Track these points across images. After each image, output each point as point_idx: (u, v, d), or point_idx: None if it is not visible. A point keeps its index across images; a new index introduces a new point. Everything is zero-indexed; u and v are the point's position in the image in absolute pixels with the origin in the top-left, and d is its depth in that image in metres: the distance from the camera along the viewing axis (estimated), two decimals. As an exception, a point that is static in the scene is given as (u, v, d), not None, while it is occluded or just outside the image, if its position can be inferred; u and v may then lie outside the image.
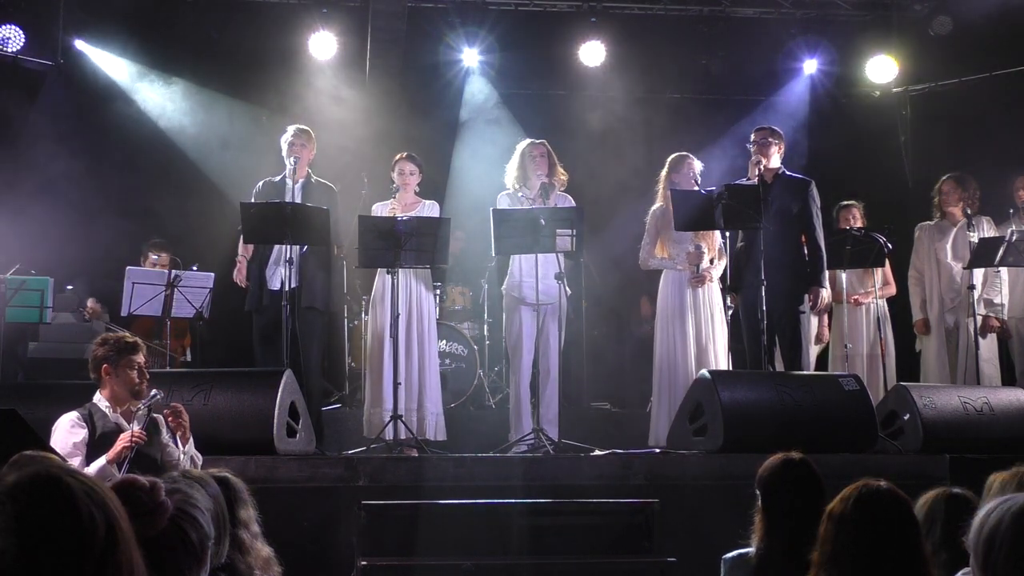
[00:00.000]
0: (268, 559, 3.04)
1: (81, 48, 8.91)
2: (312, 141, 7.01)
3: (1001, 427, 6.24)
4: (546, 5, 9.46)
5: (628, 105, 9.58)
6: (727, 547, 3.38)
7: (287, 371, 5.85)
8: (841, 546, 2.54)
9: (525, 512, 5.42)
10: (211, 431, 5.27)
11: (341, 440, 7.09)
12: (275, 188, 6.92)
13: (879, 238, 7.38)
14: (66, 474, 1.45)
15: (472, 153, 9.29)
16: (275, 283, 6.69)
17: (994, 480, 3.04)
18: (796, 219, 6.86)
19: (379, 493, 5.48)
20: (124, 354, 4.66)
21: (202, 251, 8.22)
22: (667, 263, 7.05)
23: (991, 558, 1.95)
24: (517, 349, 6.87)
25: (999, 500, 2.02)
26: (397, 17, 8.77)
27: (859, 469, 4.88)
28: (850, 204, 8.10)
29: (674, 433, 6.31)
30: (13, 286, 7.13)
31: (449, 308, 8.63)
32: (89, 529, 1.41)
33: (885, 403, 6.61)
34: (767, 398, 5.95)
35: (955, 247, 7.95)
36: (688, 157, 7.15)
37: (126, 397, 4.66)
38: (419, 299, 6.80)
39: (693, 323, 6.90)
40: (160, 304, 7.11)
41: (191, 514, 2.22)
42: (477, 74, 9.70)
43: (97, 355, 4.70)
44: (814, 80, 9.77)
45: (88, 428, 4.61)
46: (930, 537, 2.79)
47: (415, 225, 6.41)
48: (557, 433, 6.55)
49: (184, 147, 9.00)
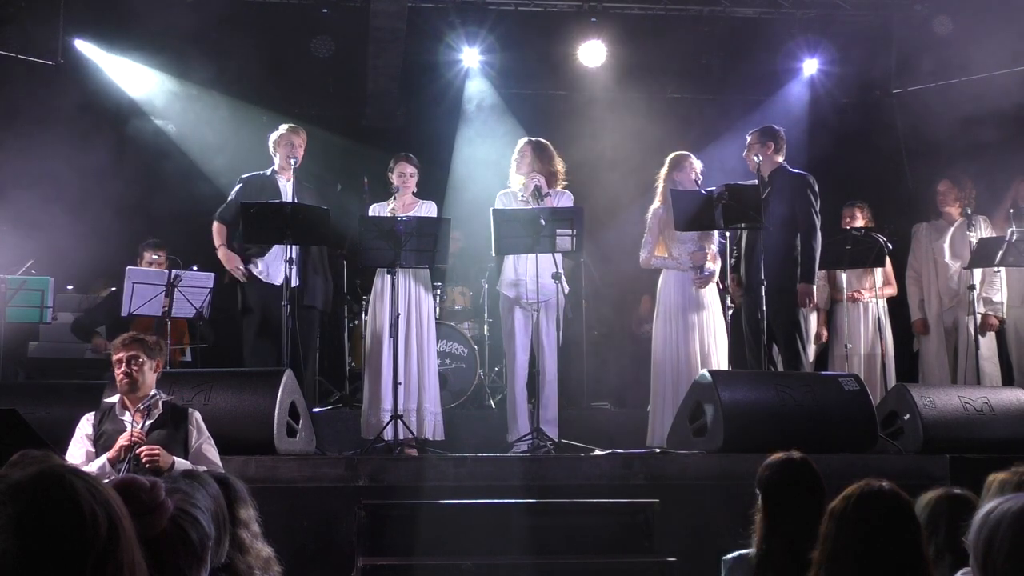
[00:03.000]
0: (268, 559, 3.04)
1: (81, 48, 8.91)
2: (305, 140, 7.05)
3: (1001, 427, 6.24)
4: (546, 5, 9.45)
5: (628, 105, 9.58)
6: (727, 547, 3.39)
7: (287, 371, 5.86)
8: (842, 545, 2.54)
9: (525, 512, 5.43)
10: (211, 431, 5.26)
11: (341, 440, 7.09)
12: (267, 184, 6.94)
13: (879, 238, 7.38)
14: (69, 472, 1.46)
15: (472, 153, 9.29)
16: (277, 278, 6.70)
17: (993, 480, 3.04)
18: (794, 216, 6.86)
19: (379, 493, 5.49)
20: (114, 351, 4.78)
21: (202, 251, 8.22)
22: (669, 263, 7.03)
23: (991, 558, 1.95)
24: (511, 349, 6.88)
25: (999, 500, 2.02)
26: (397, 17, 8.76)
27: (859, 469, 4.89)
28: (853, 204, 8.11)
29: (674, 433, 6.31)
30: (13, 286, 7.13)
31: (449, 308, 8.63)
32: (91, 527, 1.42)
33: (885, 403, 6.62)
34: (767, 398, 5.96)
35: (953, 247, 7.96)
36: (688, 156, 7.14)
37: (123, 394, 4.72)
38: (418, 299, 6.81)
39: (695, 323, 6.90)
40: (160, 304, 7.11)
41: (191, 514, 2.22)
42: (477, 74, 9.70)
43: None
44: (814, 80, 9.77)
45: (95, 425, 4.71)
46: (930, 538, 2.79)
47: (415, 225, 6.41)
48: (557, 433, 6.56)
49: (184, 147, 9.01)
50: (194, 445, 4.76)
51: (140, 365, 4.70)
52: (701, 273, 6.92)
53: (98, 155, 8.34)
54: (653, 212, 7.12)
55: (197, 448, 4.76)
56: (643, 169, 7.82)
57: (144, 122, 9.04)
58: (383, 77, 9.42)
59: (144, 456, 4.45)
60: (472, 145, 9.40)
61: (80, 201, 8.01)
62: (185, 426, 4.78)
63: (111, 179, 8.40)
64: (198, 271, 7.50)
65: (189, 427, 4.79)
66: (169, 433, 4.70)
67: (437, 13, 9.35)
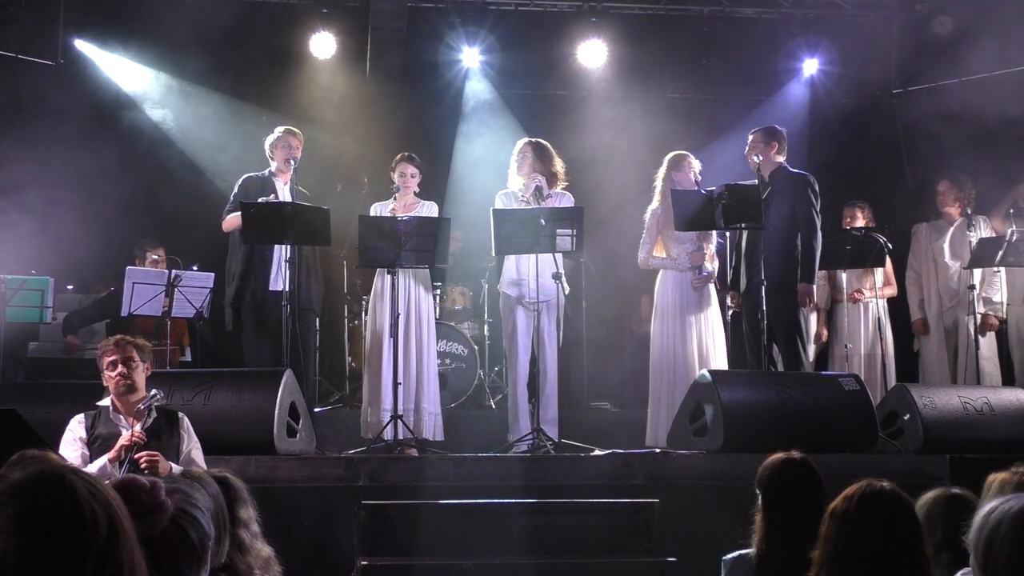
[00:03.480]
0: (268, 559, 3.04)
1: (81, 48, 8.91)
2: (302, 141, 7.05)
3: (1001, 427, 6.24)
4: (546, 5, 9.45)
5: (628, 105, 9.58)
6: (727, 547, 3.38)
7: (287, 371, 5.85)
8: (843, 545, 2.54)
9: (525, 512, 5.43)
10: (211, 431, 5.27)
11: (341, 440, 7.09)
12: (265, 185, 6.93)
13: (879, 238, 7.38)
14: (69, 472, 1.46)
15: (472, 153, 9.29)
16: (278, 284, 6.70)
17: (993, 480, 3.04)
18: (795, 216, 6.86)
19: (379, 493, 5.48)
20: (104, 354, 4.72)
21: (202, 251, 8.22)
22: (668, 263, 7.02)
23: (991, 558, 1.95)
24: (513, 349, 6.87)
25: (999, 500, 2.02)
26: (397, 17, 8.77)
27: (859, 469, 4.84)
28: (854, 204, 8.11)
29: (674, 433, 6.31)
30: (13, 286, 7.13)
31: (449, 308, 8.62)
32: (91, 527, 1.41)
33: (885, 403, 6.62)
34: (767, 398, 5.95)
35: (952, 247, 7.96)
36: (687, 156, 7.14)
37: (118, 396, 4.68)
38: (417, 299, 6.80)
39: (693, 323, 6.90)
40: (160, 304, 7.11)
41: (191, 514, 2.22)
42: (477, 74, 9.70)
43: (96, 357, 4.84)
44: (814, 80, 9.77)
45: (88, 428, 4.65)
46: (930, 538, 2.79)
47: (415, 225, 6.41)
48: (557, 433, 6.55)
49: (184, 147, 9.00)
50: (185, 450, 4.74)
51: (135, 367, 4.68)
52: (700, 273, 6.92)
53: (98, 155, 8.34)
54: (652, 212, 7.11)
55: (187, 454, 4.74)
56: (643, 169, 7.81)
57: (144, 122, 9.03)
58: (383, 77, 9.42)
59: (144, 461, 4.43)
60: (472, 145, 9.40)
61: (80, 201, 8.01)
62: (178, 431, 4.75)
63: (111, 179, 8.40)
64: (198, 271, 7.50)
65: (181, 432, 4.77)
66: (164, 439, 4.68)
67: (437, 13, 9.35)
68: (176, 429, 4.75)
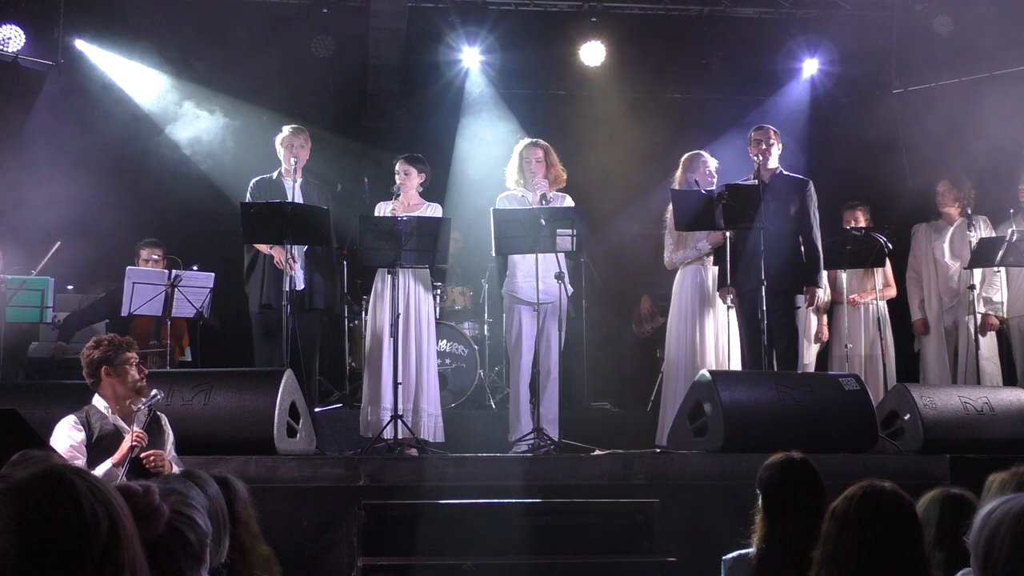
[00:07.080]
0: (268, 559, 3.04)
1: (81, 48, 8.91)
2: (309, 140, 7.04)
3: (1001, 427, 6.24)
4: (546, 5, 9.45)
5: (628, 105, 9.58)
6: (727, 547, 3.39)
7: (287, 371, 5.85)
8: (843, 545, 2.54)
9: (525, 512, 5.43)
10: (211, 431, 5.27)
11: (341, 440, 7.09)
12: (273, 187, 6.94)
13: (879, 238, 7.38)
14: (69, 472, 1.46)
15: (472, 153, 9.29)
16: (300, 283, 6.70)
17: (994, 480, 3.04)
18: (794, 219, 6.86)
19: (379, 493, 5.49)
20: (122, 352, 4.65)
21: (202, 251, 8.22)
22: (691, 253, 7.07)
23: (991, 558, 1.95)
24: (517, 349, 6.87)
25: (999, 500, 2.02)
26: (397, 17, 8.76)
27: (859, 469, 4.89)
28: (854, 205, 8.11)
29: (674, 433, 6.31)
30: (13, 286, 7.13)
31: (449, 308, 8.62)
32: (92, 526, 1.42)
33: (885, 403, 6.62)
34: (767, 398, 5.96)
35: (952, 247, 7.96)
36: (701, 154, 7.15)
37: (127, 395, 4.65)
38: (417, 300, 6.80)
39: (710, 324, 6.91)
40: (160, 304, 7.11)
41: (188, 515, 2.22)
42: (477, 74, 9.70)
43: (94, 357, 4.67)
44: (814, 80, 9.77)
45: (86, 430, 4.60)
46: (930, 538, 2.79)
47: (415, 225, 6.41)
48: (557, 433, 6.55)
49: (184, 147, 8.99)
50: (169, 447, 4.74)
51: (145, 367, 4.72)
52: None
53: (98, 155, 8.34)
54: (671, 213, 7.10)
55: (170, 450, 4.74)
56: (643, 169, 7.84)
57: (144, 121, 9.03)
58: (383, 77, 9.42)
59: (151, 461, 4.42)
60: (472, 145, 9.40)
61: (80, 201, 8.01)
62: (163, 428, 4.76)
63: (111, 179, 8.40)
64: (198, 271, 7.49)
65: (166, 429, 4.77)
66: (156, 438, 4.67)
67: (437, 13, 9.35)
68: (161, 427, 4.75)
